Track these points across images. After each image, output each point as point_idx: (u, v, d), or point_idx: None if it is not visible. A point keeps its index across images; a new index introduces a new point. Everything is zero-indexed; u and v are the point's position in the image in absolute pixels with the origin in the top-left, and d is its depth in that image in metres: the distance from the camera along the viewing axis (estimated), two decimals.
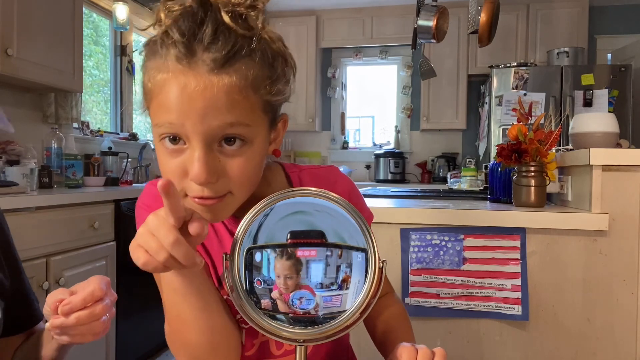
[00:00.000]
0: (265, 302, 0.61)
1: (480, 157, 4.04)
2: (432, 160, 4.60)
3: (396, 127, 4.74)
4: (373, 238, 0.61)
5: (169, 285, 0.60)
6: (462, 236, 1.36)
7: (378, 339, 0.79)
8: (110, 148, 3.07)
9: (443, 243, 1.37)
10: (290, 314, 0.61)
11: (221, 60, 0.54)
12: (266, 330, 0.60)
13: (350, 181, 0.79)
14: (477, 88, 4.32)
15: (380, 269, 0.60)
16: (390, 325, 0.78)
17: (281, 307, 0.61)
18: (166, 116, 0.55)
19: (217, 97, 0.54)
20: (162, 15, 0.55)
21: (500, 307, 1.35)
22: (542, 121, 1.50)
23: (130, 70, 3.57)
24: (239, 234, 0.60)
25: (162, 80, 0.55)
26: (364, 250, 0.61)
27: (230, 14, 0.54)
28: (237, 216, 0.73)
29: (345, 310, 0.61)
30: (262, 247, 0.61)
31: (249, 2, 0.56)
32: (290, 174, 0.76)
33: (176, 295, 0.60)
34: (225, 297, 0.71)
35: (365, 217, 0.62)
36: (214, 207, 0.60)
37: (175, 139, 0.57)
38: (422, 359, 0.59)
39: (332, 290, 0.61)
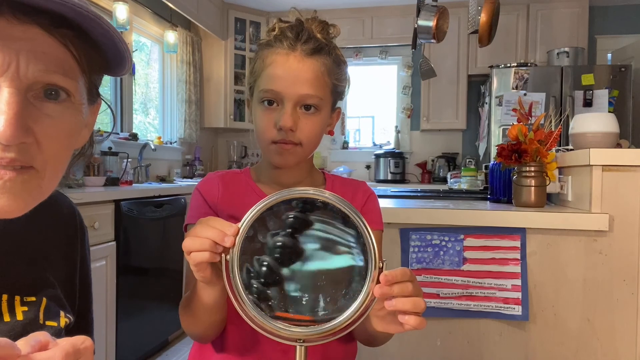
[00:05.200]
0: (265, 302, 0.61)
1: (480, 157, 4.04)
2: (432, 160, 4.60)
3: (396, 127, 4.74)
4: (373, 238, 0.61)
5: (203, 300, 0.72)
6: (462, 236, 1.36)
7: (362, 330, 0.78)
8: (110, 148, 3.06)
9: (443, 243, 1.37)
10: (290, 314, 0.61)
11: (310, 51, 0.83)
12: (266, 330, 0.60)
13: (371, 190, 0.98)
14: (477, 88, 4.32)
15: (380, 269, 0.60)
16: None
17: (281, 307, 0.61)
18: (272, 83, 0.82)
19: (306, 73, 0.82)
20: (277, 25, 0.86)
21: (500, 307, 1.35)
22: (542, 121, 1.50)
23: (130, 71, 3.56)
24: (239, 234, 0.60)
25: (272, 59, 0.84)
26: (363, 250, 0.61)
27: (317, 29, 0.85)
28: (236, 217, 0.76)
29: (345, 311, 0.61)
30: (262, 248, 0.61)
31: (331, 36, 0.88)
32: (327, 176, 0.97)
33: (210, 310, 0.74)
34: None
35: (372, 222, 0.67)
36: (288, 151, 0.84)
37: (270, 102, 0.83)
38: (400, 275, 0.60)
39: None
